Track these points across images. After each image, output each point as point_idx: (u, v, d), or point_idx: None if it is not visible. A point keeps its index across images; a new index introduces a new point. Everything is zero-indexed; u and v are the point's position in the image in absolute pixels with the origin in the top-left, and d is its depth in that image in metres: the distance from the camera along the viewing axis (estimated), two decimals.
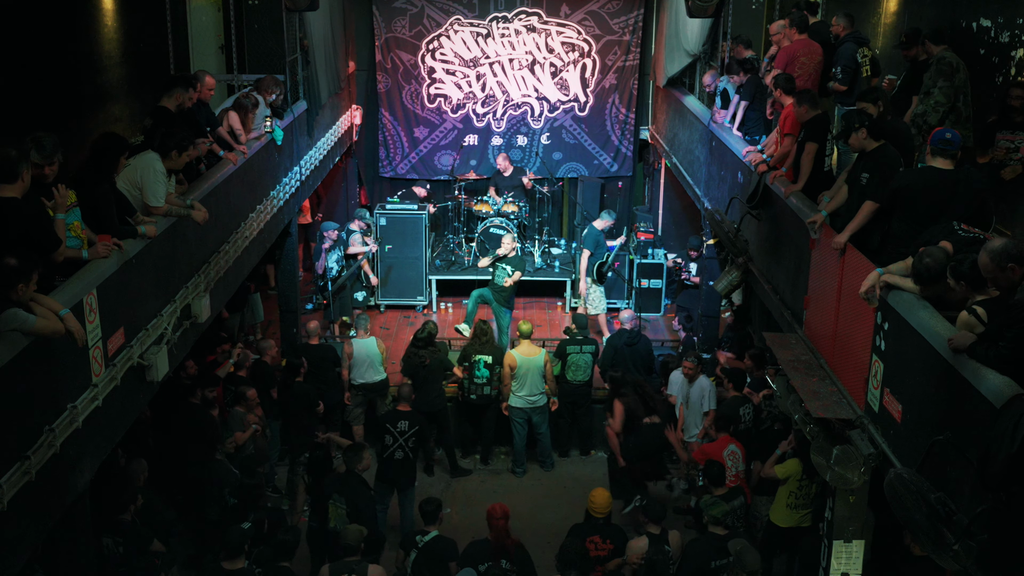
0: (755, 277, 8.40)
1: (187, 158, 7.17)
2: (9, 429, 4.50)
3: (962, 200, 5.48)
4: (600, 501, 7.37)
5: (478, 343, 10.19)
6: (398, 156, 14.96)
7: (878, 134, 6.17)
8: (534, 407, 10.09)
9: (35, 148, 5.22)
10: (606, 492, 7.57)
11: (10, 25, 7.97)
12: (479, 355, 10.10)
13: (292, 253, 11.26)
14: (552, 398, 10.22)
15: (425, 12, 14.30)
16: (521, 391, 10.03)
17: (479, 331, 10.27)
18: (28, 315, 4.53)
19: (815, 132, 7.26)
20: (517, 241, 12.29)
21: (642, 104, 14.92)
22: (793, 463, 7.57)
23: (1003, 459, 3.68)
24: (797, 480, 7.54)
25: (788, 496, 7.61)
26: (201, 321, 7.18)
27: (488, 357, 10.10)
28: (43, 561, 5.48)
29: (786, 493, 7.62)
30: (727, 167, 9.65)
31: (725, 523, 6.98)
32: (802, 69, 8.46)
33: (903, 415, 5.00)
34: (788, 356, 6.56)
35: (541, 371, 10.01)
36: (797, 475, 7.53)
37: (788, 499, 7.62)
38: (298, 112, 10.67)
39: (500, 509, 7.12)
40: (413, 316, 13.19)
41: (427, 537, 7.06)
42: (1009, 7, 6.56)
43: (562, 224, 15.19)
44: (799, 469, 7.51)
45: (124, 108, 10.05)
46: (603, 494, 7.46)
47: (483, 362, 10.09)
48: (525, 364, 9.94)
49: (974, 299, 4.55)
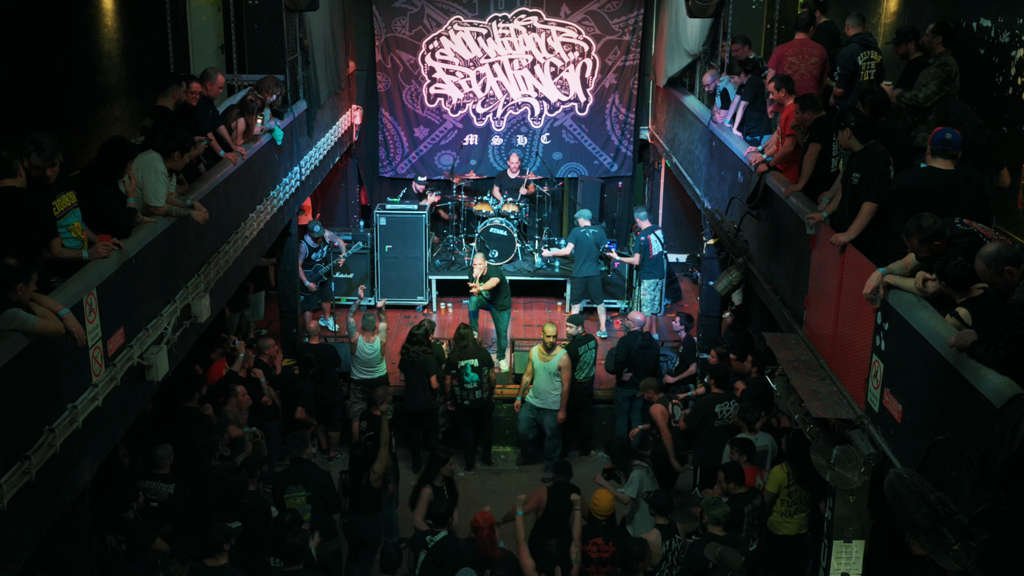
0: (755, 277, 8.40)
1: (188, 158, 7.18)
2: (9, 429, 4.50)
3: (962, 200, 5.48)
4: (603, 503, 7.36)
5: (460, 349, 10.20)
6: (398, 156, 14.96)
7: (864, 135, 6.17)
8: (542, 408, 10.17)
9: (35, 149, 5.22)
10: (609, 494, 7.56)
11: (10, 25, 7.96)
12: (464, 360, 10.11)
13: (292, 253, 11.27)
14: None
15: (425, 12, 14.30)
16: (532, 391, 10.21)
17: (459, 337, 10.29)
18: (28, 315, 4.54)
19: (819, 133, 7.26)
20: (488, 258, 12.32)
21: (642, 104, 14.92)
22: (778, 472, 7.56)
23: (1003, 459, 3.68)
24: (786, 488, 7.54)
25: (779, 504, 7.61)
26: (201, 321, 7.18)
27: (474, 360, 10.11)
28: (43, 561, 5.47)
29: (778, 502, 7.62)
30: (727, 167, 9.65)
31: (725, 524, 6.99)
32: (791, 69, 8.44)
33: (903, 415, 4.99)
34: (788, 356, 6.56)
35: (551, 374, 10.05)
36: (784, 482, 7.53)
37: (779, 507, 7.61)
38: (298, 112, 10.67)
39: (483, 519, 7.06)
40: (413, 316, 13.19)
41: (437, 537, 7.03)
42: (1009, 7, 6.56)
43: (562, 224, 15.19)
44: (785, 476, 7.52)
45: (124, 108, 10.04)
46: (606, 496, 7.46)
47: (470, 366, 10.11)
48: (538, 366, 10.10)
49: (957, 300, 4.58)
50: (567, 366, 10.04)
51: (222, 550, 6.55)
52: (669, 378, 10.75)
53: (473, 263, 11.68)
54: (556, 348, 10.10)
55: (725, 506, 7.10)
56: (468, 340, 10.26)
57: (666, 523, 7.19)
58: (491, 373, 10.30)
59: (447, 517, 7.14)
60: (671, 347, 11.76)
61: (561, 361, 10.02)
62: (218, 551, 6.54)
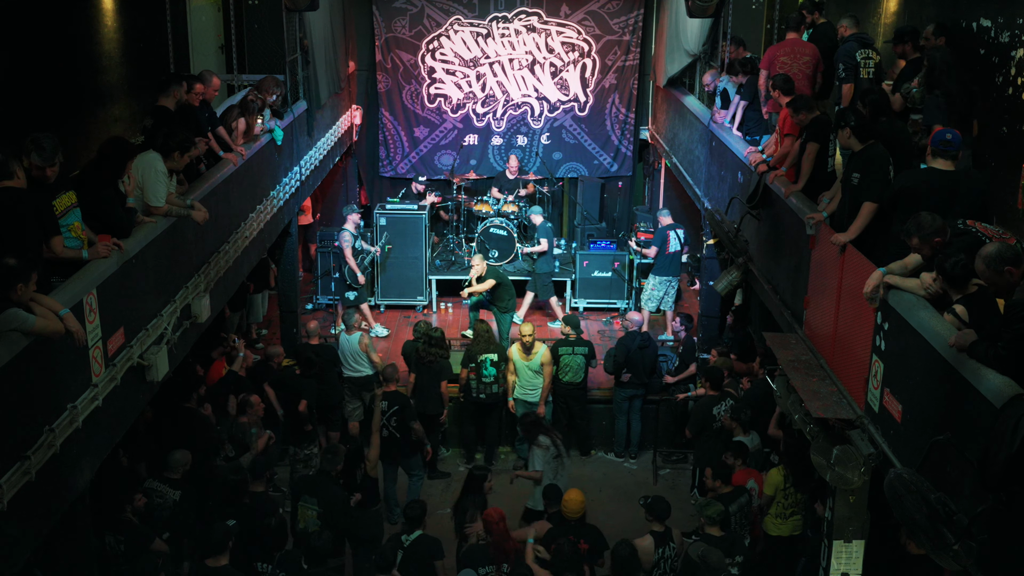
0: (755, 277, 8.40)
1: (188, 158, 7.18)
2: (9, 429, 4.50)
3: (963, 200, 5.48)
4: (574, 503, 7.33)
5: (482, 343, 10.25)
6: (398, 156, 14.96)
7: (864, 135, 6.17)
8: (532, 403, 10.24)
9: (35, 149, 5.22)
10: (580, 493, 7.49)
11: (10, 25, 7.96)
12: (485, 354, 10.16)
13: (292, 253, 11.27)
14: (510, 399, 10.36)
15: (425, 12, 14.30)
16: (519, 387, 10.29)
17: (479, 331, 10.36)
18: (28, 315, 4.54)
19: (816, 132, 7.26)
20: (487, 259, 12.33)
21: (642, 104, 14.92)
22: (775, 475, 7.56)
23: (1003, 459, 3.68)
24: (782, 490, 7.55)
25: (775, 506, 7.62)
26: (201, 321, 7.18)
27: (494, 355, 10.20)
28: (43, 561, 5.47)
29: (774, 504, 7.63)
30: (727, 167, 9.65)
31: (721, 524, 6.99)
32: (783, 69, 8.45)
33: (903, 415, 4.99)
34: (788, 356, 6.56)
35: (534, 372, 10.15)
36: (781, 485, 7.54)
37: (775, 509, 7.62)
38: (298, 112, 10.67)
39: (496, 513, 7.13)
40: (413, 316, 13.19)
41: (412, 536, 7.10)
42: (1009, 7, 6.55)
43: (562, 224, 15.19)
44: (781, 479, 7.52)
45: (124, 108, 10.04)
46: (578, 495, 7.41)
47: (489, 360, 10.17)
48: (519, 363, 10.20)
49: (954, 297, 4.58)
50: (549, 362, 10.14)
51: (223, 550, 6.55)
52: (669, 378, 10.75)
53: (473, 262, 11.69)
54: (536, 346, 10.16)
55: (719, 505, 7.11)
56: (489, 334, 10.40)
57: (661, 530, 7.16)
58: (506, 370, 10.32)
59: (422, 518, 7.21)
60: (671, 347, 11.77)
61: (543, 357, 10.12)
62: (219, 551, 6.54)
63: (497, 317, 11.68)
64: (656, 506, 7.25)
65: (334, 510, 7.56)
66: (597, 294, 13.37)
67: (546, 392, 10.21)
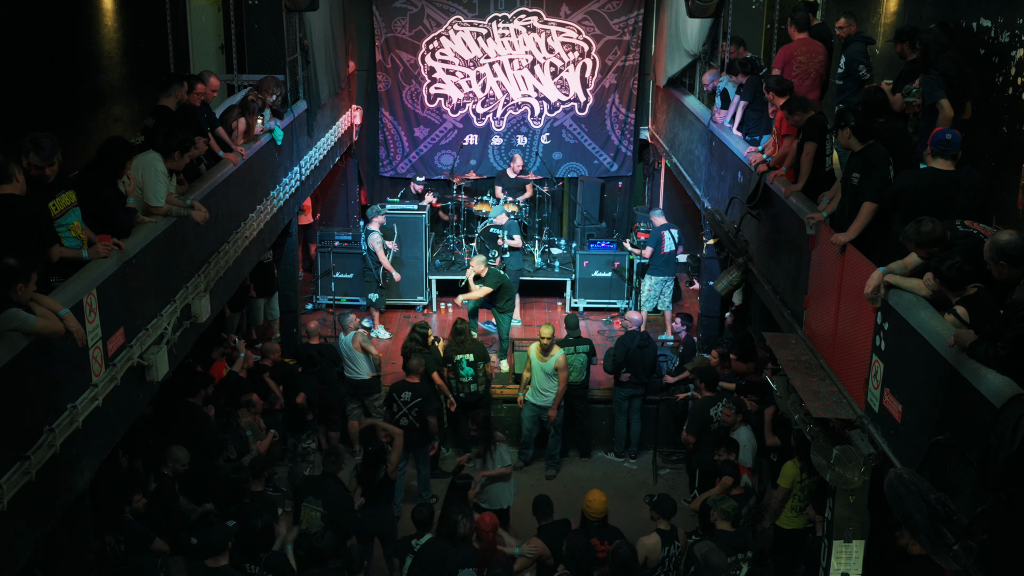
0: (755, 277, 8.40)
1: (188, 158, 7.18)
2: (9, 429, 4.50)
3: (963, 200, 5.48)
4: (596, 504, 7.33)
5: (456, 343, 10.24)
6: (398, 156, 14.96)
7: (864, 135, 6.17)
8: (542, 406, 10.25)
9: (34, 149, 5.22)
10: (602, 494, 7.52)
11: (10, 25, 7.96)
12: (460, 355, 10.16)
13: (292, 253, 11.27)
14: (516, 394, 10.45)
15: (425, 12, 14.30)
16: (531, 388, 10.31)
17: (456, 331, 10.33)
18: (28, 315, 4.53)
19: (814, 132, 7.26)
20: (489, 258, 12.27)
21: (642, 104, 14.92)
22: (791, 468, 7.56)
23: (1003, 459, 3.68)
24: (799, 483, 7.55)
25: (791, 499, 7.61)
26: (201, 321, 7.18)
27: (470, 355, 10.18)
28: (43, 561, 5.47)
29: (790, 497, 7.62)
30: (727, 167, 9.65)
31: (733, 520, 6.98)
32: (799, 69, 8.43)
33: (903, 415, 4.99)
34: (788, 356, 6.56)
35: (548, 374, 10.10)
36: (797, 477, 7.53)
37: (791, 502, 7.62)
38: (298, 112, 10.67)
39: (490, 521, 7.13)
40: (413, 316, 13.19)
41: (422, 540, 7.06)
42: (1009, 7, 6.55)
43: (562, 224, 15.20)
44: (797, 472, 7.52)
45: (124, 108, 10.04)
46: (599, 496, 7.42)
47: (465, 361, 10.16)
48: (535, 363, 10.19)
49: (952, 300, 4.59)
50: (564, 367, 10.10)
51: (224, 550, 6.55)
52: (669, 378, 10.75)
53: (471, 263, 11.70)
54: (553, 349, 10.13)
55: (732, 501, 7.10)
56: (465, 335, 10.30)
57: (667, 528, 7.16)
58: (488, 368, 10.33)
59: (430, 521, 7.19)
60: (671, 347, 11.77)
61: (558, 362, 10.06)
62: (219, 552, 6.54)
63: (497, 317, 11.70)
64: (662, 504, 7.27)
65: (340, 509, 7.55)
66: (597, 294, 13.37)
67: (559, 398, 10.16)
